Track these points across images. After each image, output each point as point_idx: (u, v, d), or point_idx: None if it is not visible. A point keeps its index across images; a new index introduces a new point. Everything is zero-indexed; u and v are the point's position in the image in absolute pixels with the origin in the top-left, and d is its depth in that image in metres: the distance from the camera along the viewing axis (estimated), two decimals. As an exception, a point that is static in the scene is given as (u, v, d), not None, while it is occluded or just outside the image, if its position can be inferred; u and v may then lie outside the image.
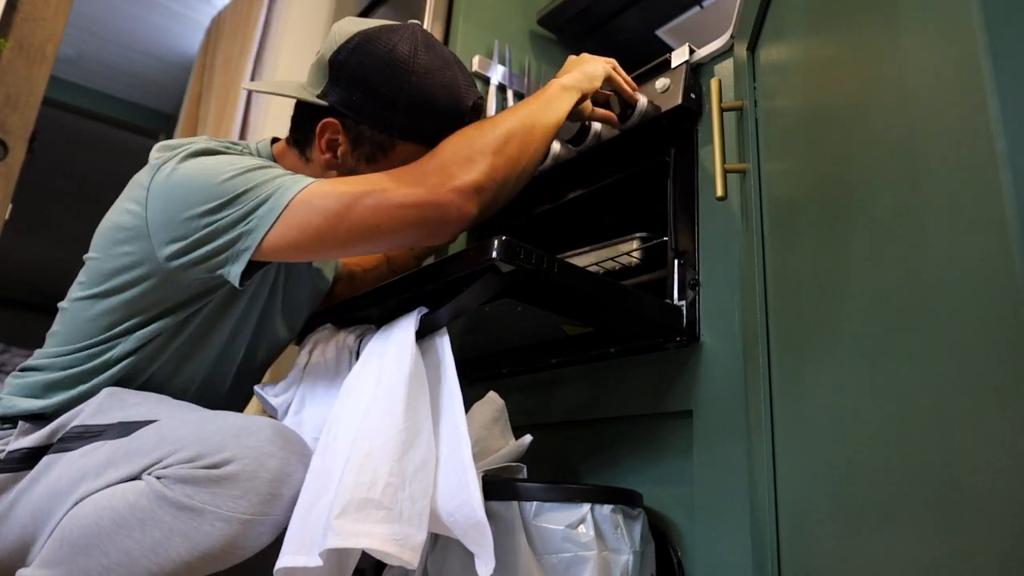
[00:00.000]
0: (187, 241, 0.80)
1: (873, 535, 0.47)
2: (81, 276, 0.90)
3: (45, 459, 0.81)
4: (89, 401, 0.85)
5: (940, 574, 0.39)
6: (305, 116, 0.93)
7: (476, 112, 0.93)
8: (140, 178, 0.87)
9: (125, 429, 0.79)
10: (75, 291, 0.90)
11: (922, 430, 0.41)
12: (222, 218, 0.79)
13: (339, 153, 0.91)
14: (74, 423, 0.83)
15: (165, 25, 3.38)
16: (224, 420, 0.75)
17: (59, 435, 0.83)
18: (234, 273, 0.81)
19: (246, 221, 0.79)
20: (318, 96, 0.89)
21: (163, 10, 3.27)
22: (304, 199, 0.80)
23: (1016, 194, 0.33)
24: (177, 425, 0.77)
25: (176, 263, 0.81)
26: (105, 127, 3.67)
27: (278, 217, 0.79)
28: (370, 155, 0.90)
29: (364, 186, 0.81)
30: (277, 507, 0.71)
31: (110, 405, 0.84)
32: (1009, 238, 0.33)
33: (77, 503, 0.74)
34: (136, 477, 0.73)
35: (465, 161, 0.82)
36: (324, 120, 0.89)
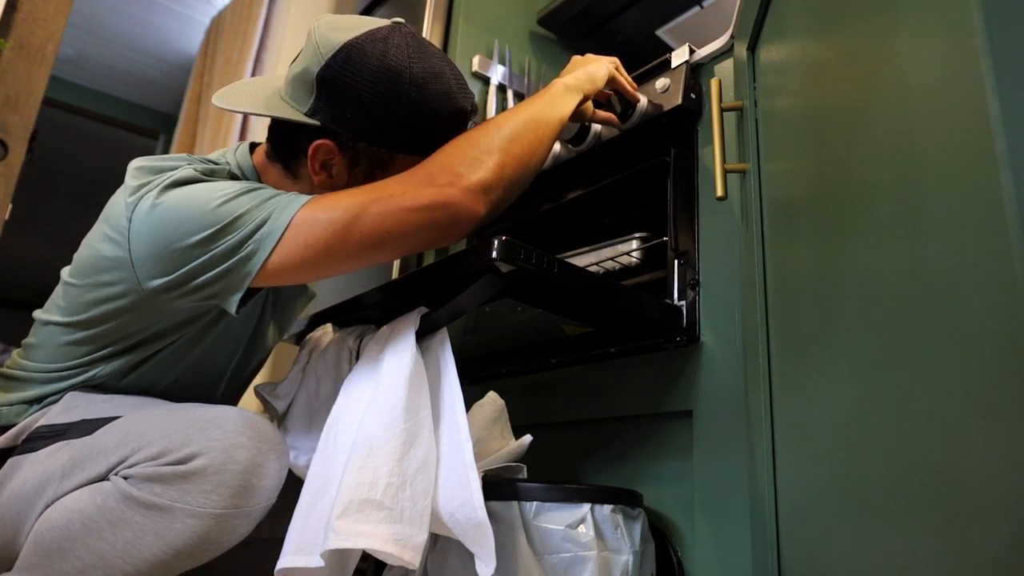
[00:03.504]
0: (178, 274, 0.77)
1: (873, 535, 0.47)
2: (59, 300, 0.87)
3: (10, 461, 0.80)
4: (56, 403, 0.84)
5: (940, 574, 0.39)
6: (290, 133, 0.87)
7: (473, 113, 0.90)
8: (119, 204, 0.82)
9: (88, 427, 0.78)
10: (52, 313, 0.86)
11: (922, 430, 0.41)
12: (216, 247, 0.75)
13: (333, 173, 0.86)
14: (39, 423, 0.82)
15: (165, 25, 3.38)
16: (190, 413, 0.73)
17: (24, 436, 0.82)
18: (232, 302, 0.78)
19: (244, 247, 0.76)
20: (306, 114, 0.83)
21: (163, 10, 3.27)
22: (307, 216, 0.77)
23: (1016, 194, 0.33)
24: (140, 420, 0.75)
25: (165, 296, 0.79)
26: (105, 127, 3.67)
27: (280, 238, 0.76)
28: (368, 172, 0.86)
29: (370, 194, 0.78)
30: (250, 499, 0.69)
31: (75, 403, 0.83)
32: (1009, 238, 0.33)
33: (48, 506, 0.73)
34: (103, 477, 0.72)
35: (472, 161, 0.80)
36: (317, 142, 0.83)
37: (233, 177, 0.88)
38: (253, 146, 0.95)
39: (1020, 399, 0.32)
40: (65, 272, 0.88)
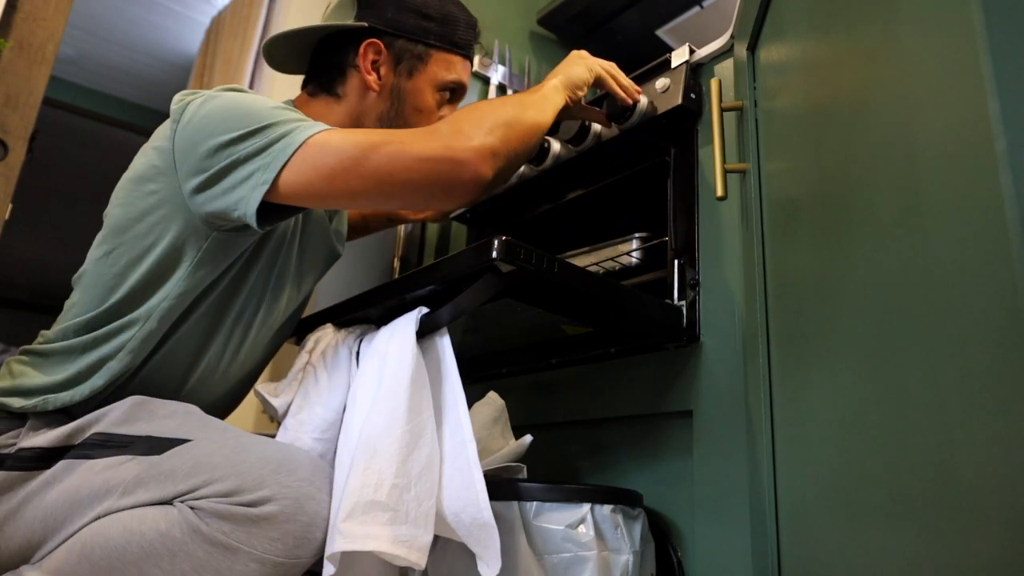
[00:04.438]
0: (209, 172, 0.81)
1: (873, 535, 0.47)
2: (100, 235, 0.90)
3: (63, 463, 0.78)
4: (113, 406, 0.82)
5: (940, 574, 0.39)
6: (338, 52, 0.99)
7: (478, 33, 1.06)
8: (164, 124, 0.88)
9: (156, 446, 0.77)
10: (94, 252, 0.89)
11: (922, 430, 0.41)
12: (243, 149, 0.80)
13: (382, 73, 0.98)
14: (97, 428, 0.80)
15: (165, 25, 3.38)
16: (262, 450, 0.73)
17: (79, 439, 0.80)
18: (250, 212, 0.80)
19: (264, 155, 0.79)
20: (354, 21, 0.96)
21: (163, 10, 3.27)
22: (321, 140, 0.80)
23: (1016, 194, 0.33)
24: (213, 451, 0.74)
25: (199, 198, 0.82)
26: (105, 127, 3.66)
27: (293, 153, 0.79)
28: (411, 68, 0.99)
29: (383, 136, 0.81)
30: (307, 550, 0.70)
31: (138, 415, 0.81)
32: (1009, 238, 0.33)
33: (99, 517, 0.72)
34: (167, 502, 0.71)
35: (480, 127, 0.83)
36: (367, 41, 0.97)
37: None
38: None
39: (1020, 399, 0.32)
40: (106, 210, 0.91)
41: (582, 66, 1.01)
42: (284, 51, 1.04)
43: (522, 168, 1.23)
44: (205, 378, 0.93)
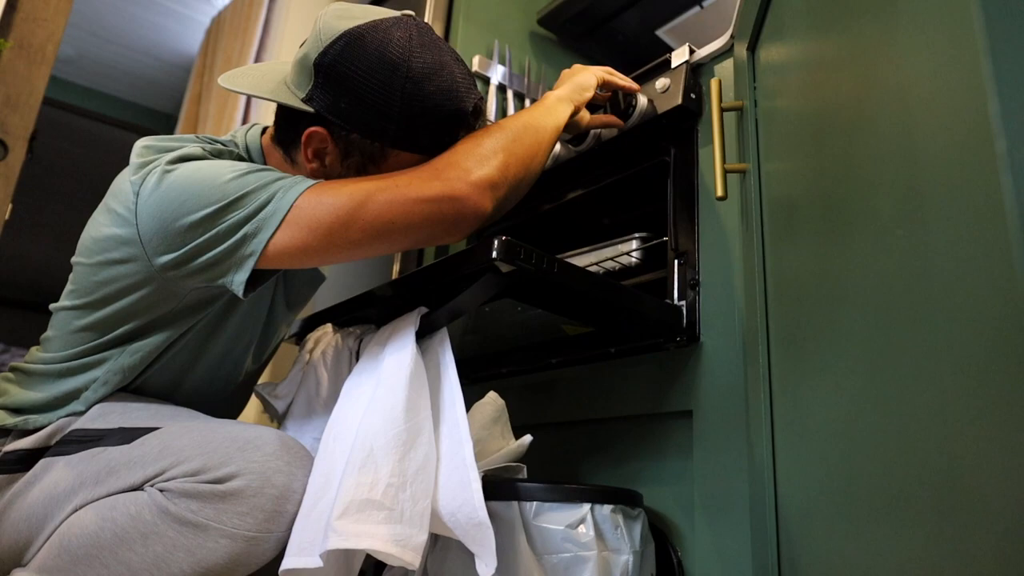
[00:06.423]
0: (184, 250, 0.76)
1: (873, 535, 0.47)
2: (70, 283, 0.86)
3: (42, 462, 0.80)
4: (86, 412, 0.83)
5: (940, 574, 0.39)
6: (290, 118, 0.87)
7: (476, 115, 0.88)
8: (125, 182, 0.82)
9: (127, 436, 0.77)
10: (65, 299, 0.86)
11: (922, 430, 0.41)
12: (221, 224, 0.75)
13: (326, 163, 0.86)
14: (73, 426, 0.82)
15: (165, 25, 3.38)
16: (228, 431, 0.73)
17: (57, 438, 0.82)
18: (237, 282, 0.77)
19: (247, 225, 0.75)
20: (303, 100, 0.83)
21: (163, 10, 3.27)
22: (311, 198, 0.76)
23: (1016, 194, 0.33)
24: (180, 434, 0.75)
25: (173, 273, 0.78)
26: (105, 127, 3.67)
27: (284, 218, 0.75)
28: (360, 165, 0.85)
29: (376, 183, 0.78)
30: (281, 523, 0.70)
31: (111, 410, 0.82)
32: (1009, 238, 0.33)
33: (76, 510, 0.73)
34: (138, 487, 0.72)
35: (478, 158, 0.81)
36: (310, 129, 0.83)
37: (239, 159, 0.88)
38: (265, 129, 0.95)
39: (1019, 398, 0.32)
40: (74, 258, 0.87)
41: (586, 72, 1.00)
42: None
43: (522, 168, 1.23)
44: (190, 397, 0.93)
